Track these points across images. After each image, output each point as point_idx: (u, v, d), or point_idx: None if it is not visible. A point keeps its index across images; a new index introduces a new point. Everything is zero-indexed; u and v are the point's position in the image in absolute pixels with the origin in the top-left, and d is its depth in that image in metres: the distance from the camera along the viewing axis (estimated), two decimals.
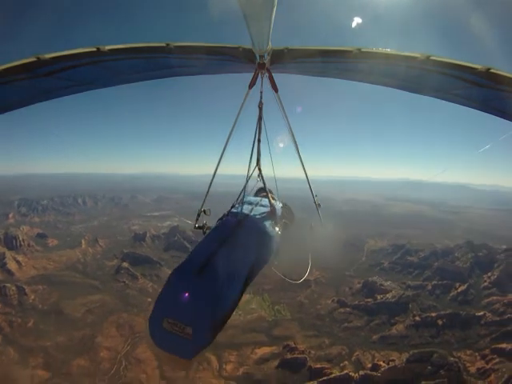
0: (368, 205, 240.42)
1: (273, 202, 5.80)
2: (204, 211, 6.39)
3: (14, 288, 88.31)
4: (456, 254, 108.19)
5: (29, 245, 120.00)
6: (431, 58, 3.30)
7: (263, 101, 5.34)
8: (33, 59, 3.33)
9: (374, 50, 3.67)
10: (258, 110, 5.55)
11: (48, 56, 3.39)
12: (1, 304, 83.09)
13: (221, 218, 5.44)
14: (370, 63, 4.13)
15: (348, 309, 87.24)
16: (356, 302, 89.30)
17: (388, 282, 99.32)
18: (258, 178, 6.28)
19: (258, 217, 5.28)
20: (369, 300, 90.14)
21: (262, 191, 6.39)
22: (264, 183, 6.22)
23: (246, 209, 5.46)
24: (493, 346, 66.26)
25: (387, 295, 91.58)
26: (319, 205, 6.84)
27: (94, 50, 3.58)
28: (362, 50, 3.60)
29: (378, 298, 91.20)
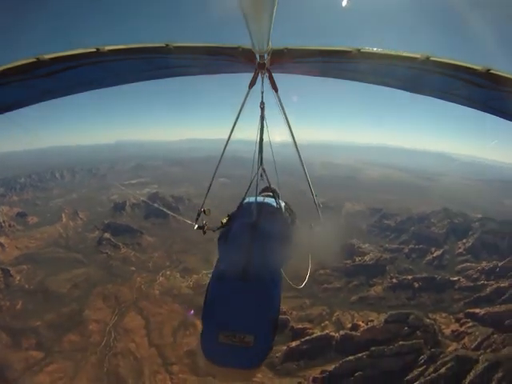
0: (346, 169, 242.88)
1: (277, 200, 5.79)
2: (204, 211, 6.30)
3: None
4: (432, 220, 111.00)
5: (10, 225, 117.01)
6: (431, 58, 3.31)
7: (264, 101, 5.33)
8: (32, 60, 3.30)
9: (374, 50, 3.63)
10: (259, 109, 5.54)
11: (47, 57, 3.36)
12: None
13: (229, 220, 5.50)
14: (370, 63, 4.12)
15: (327, 270, 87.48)
16: (335, 264, 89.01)
17: (366, 245, 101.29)
18: (261, 178, 6.21)
19: (267, 217, 5.21)
20: (348, 262, 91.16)
21: (267, 190, 6.30)
22: (269, 183, 6.20)
23: (255, 209, 5.34)
24: (466, 311, 68.40)
25: (365, 257, 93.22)
26: (319, 205, 6.90)
27: (94, 50, 3.56)
28: (362, 50, 3.60)
29: (357, 260, 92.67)
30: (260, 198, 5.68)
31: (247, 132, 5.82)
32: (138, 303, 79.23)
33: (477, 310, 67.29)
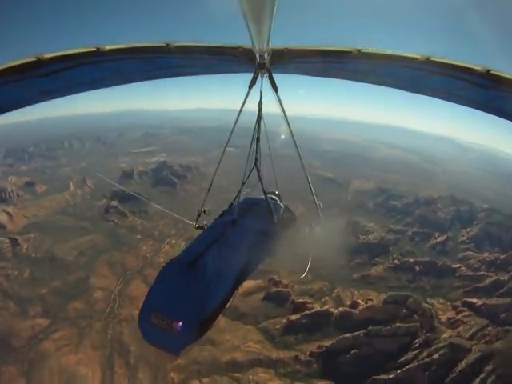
0: (355, 146, 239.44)
1: (272, 202, 5.94)
2: (204, 211, 6.42)
3: (7, 241, 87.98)
4: (438, 205, 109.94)
5: (18, 195, 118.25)
6: (431, 58, 3.32)
7: (263, 100, 5.37)
8: (32, 59, 3.32)
9: (374, 50, 3.65)
10: (257, 109, 5.59)
11: (47, 56, 3.38)
12: None
13: (218, 217, 5.63)
14: (370, 64, 4.15)
15: (331, 246, 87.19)
16: (339, 240, 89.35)
17: (371, 224, 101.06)
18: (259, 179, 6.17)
19: (254, 217, 5.40)
20: (351, 239, 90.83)
21: (268, 192, 6.30)
22: (262, 183, 6.16)
23: (244, 209, 5.57)
24: (464, 299, 68.33)
25: (369, 236, 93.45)
26: (320, 205, 6.93)
27: (94, 49, 3.58)
28: (362, 50, 3.62)
29: (361, 238, 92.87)
30: (256, 198, 5.91)
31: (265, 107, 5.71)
32: (143, 271, 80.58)
33: (474, 300, 67.38)
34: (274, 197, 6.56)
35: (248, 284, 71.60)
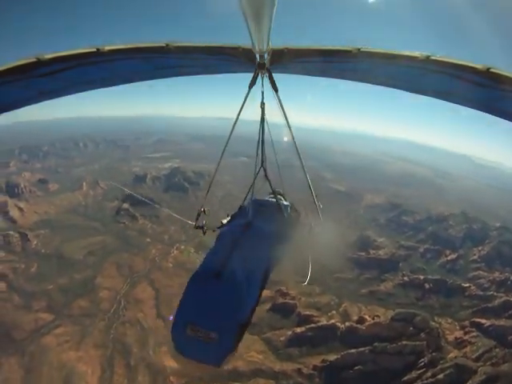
0: (367, 160, 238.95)
1: (280, 202, 5.89)
2: (204, 211, 6.43)
3: (17, 235, 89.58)
4: (450, 222, 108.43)
5: (30, 191, 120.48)
6: (431, 57, 3.30)
7: (265, 101, 5.32)
8: (32, 59, 3.30)
9: (374, 49, 3.61)
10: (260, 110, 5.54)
11: (47, 56, 3.36)
12: (5, 252, 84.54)
13: (230, 220, 5.59)
14: (370, 63, 4.11)
15: (341, 259, 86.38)
16: (349, 254, 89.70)
17: (382, 239, 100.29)
18: (265, 178, 6.32)
19: (266, 218, 5.35)
20: (362, 254, 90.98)
21: (273, 193, 6.33)
22: (270, 183, 6.28)
23: (254, 210, 5.51)
24: (472, 319, 67.13)
25: (380, 251, 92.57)
26: (320, 205, 6.83)
27: (94, 50, 3.56)
28: (362, 49, 3.58)
29: (371, 252, 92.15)
30: (263, 199, 5.85)
31: (268, 114, 5.80)
32: (151, 274, 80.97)
33: (482, 321, 66.23)
34: (280, 196, 6.52)
35: None
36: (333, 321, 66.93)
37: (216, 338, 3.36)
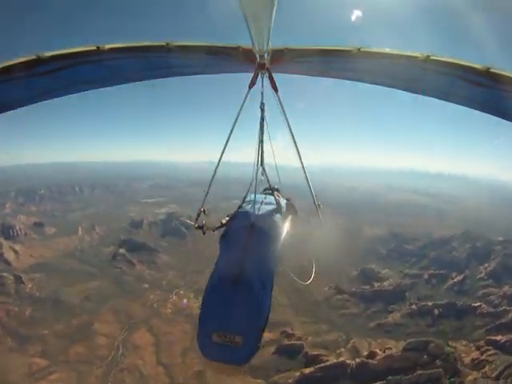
0: (364, 193, 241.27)
1: (278, 199, 5.82)
2: (203, 211, 6.30)
3: (11, 277, 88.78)
4: (453, 244, 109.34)
5: (26, 234, 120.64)
6: (431, 57, 3.33)
7: (264, 101, 5.29)
8: (33, 57, 3.33)
9: (374, 49, 3.70)
10: (259, 110, 5.48)
11: (48, 54, 3.41)
12: None
13: (229, 220, 5.41)
14: (370, 63, 4.14)
15: (345, 295, 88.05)
16: (353, 289, 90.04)
17: (385, 270, 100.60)
18: (262, 177, 6.33)
19: (266, 217, 5.20)
20: (366, 287, 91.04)
21: (268, 190, 6.46)
22: (268, 182, 6.37)
23: (254, 209, 5.37)
24: (487, 338, 66.86)
25: (384, 283, 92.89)
26: (319, 205, 6.83)
27: (94, 48, 3.60)
28: (362, 49, 3.65)
29: (375, 285, 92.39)
30: (260, 197, 5.79)
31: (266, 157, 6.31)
32: (149, 321, 79.14)
33: (498, 337, 65.99)
34: (277, 193, 6.54)
35: None
36: (342, 358, 65.36)
37: (241, 342, 3.56)
